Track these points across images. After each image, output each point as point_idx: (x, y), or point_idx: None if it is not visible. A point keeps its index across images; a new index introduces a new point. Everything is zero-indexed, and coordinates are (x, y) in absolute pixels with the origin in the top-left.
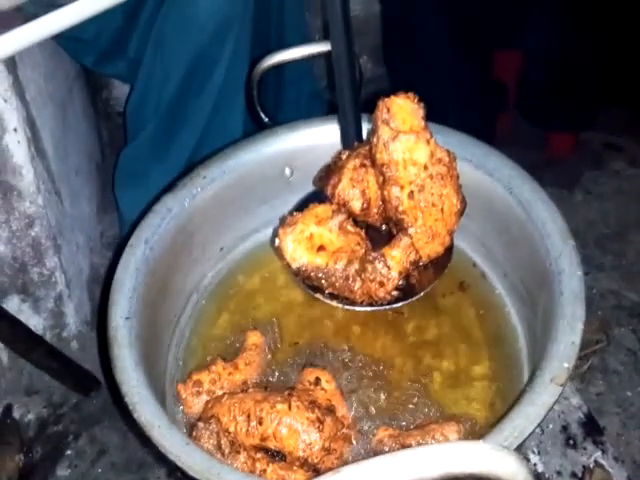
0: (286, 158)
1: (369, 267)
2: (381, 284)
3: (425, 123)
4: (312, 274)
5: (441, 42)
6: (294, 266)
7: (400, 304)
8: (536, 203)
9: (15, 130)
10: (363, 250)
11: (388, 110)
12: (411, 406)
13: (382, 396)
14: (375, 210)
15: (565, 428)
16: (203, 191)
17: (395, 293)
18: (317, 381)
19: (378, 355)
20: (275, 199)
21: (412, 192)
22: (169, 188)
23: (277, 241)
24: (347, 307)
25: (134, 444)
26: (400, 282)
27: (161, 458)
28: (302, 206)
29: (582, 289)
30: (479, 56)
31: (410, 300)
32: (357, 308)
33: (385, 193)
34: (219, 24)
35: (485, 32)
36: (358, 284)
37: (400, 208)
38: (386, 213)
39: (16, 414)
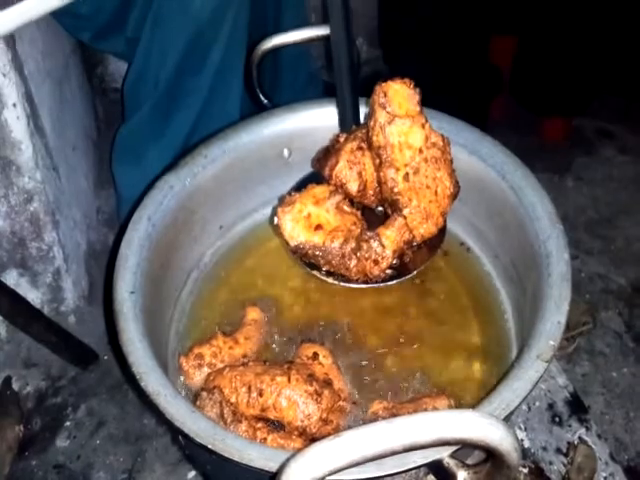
0: (285, 140)
1: (364, 246)
2: (376, 262)
3: (420, 108)
4: (309, 252)
5: (437, 26)
6: (292, 244)
7: (394, 282)
8: (527, 189)
9: (14, 105)
10: (359, 230)
11: (385, 94)
12: (404, 381)
13: (376, 371)
14: (371, 192)
15: (551, 406)
16: (204, 170)
17: (389, 271)
18: (315, 356)
19: (373, 331)
20: (273, 179)
21: (407, 174)
22: (171, 166)
23: (276, 220)
24: (343, 284)
25: (132, 416)
26: (394, 261)
27: (166, 426)
28: (300, 187)
29: (569, 271)
30: (475, 41)
31: (404, 278)
32: (352, 285)
33: (381, 175)
34: (217, 4)
35: (481, 17)
36: (354, 262)
37: (395, 189)
38: (381, 195)
39: (15, 386)
